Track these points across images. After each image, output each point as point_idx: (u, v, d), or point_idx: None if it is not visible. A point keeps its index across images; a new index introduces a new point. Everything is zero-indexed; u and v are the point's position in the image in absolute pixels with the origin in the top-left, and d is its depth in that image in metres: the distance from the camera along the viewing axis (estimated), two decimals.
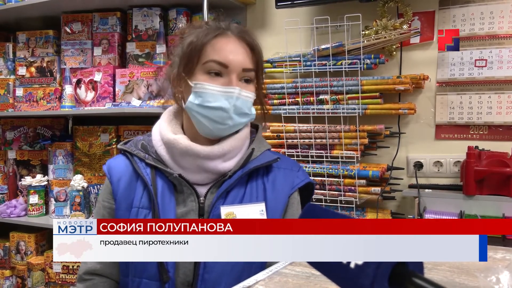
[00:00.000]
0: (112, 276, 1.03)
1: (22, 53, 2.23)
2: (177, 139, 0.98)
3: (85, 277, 1.02)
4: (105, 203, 1.04)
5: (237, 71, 0.97)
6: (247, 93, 0.99)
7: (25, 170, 2.26)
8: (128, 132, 2.06)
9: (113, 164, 1.06)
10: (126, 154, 1.04)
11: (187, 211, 0.98)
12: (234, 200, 0.98)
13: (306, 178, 1.07)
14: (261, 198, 1.00)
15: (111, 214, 1.02)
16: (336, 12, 1.75)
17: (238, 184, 1.00)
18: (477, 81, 1.63)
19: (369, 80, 1.67)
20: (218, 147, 0.98)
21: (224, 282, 0.93)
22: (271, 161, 1.02)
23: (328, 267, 0.40)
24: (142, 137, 1.07)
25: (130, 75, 1.93)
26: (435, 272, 0.66)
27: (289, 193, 1.03)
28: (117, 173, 1.03)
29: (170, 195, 0.98)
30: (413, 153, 1.73)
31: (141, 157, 1.01)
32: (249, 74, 1.00)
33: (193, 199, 0.98)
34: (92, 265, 1.02)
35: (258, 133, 1.10)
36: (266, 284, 0.63)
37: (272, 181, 1.03)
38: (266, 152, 1.05)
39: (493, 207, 1.46)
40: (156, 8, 2.00)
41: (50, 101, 2.13)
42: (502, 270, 0.53)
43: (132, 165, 1.02)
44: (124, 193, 1.00)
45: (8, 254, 2.20)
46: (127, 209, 0.99)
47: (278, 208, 1.01)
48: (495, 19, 1.60)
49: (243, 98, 0.97)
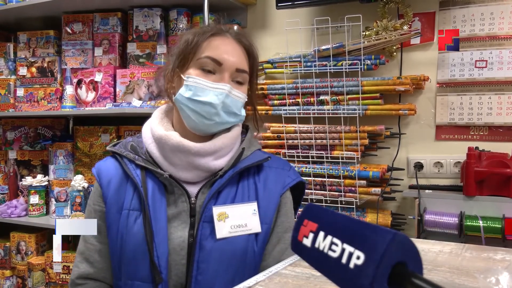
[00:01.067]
0: (105, 280, 1.02)
1: (23, 53, 2.24)
2: (168, 135, 0.98)
3: (78, 282, 1.02)
4: (95, 206, 1.03)
5: (230, 70, 0.98)
6: (238, 93, 0.99)
7: (26, 170, 2.27)
8: (129, 133, 2.06)
9: (102, 167, 1.05)
10: (116, 156, 1.04)
11: (178, 212, 0.97)
12: (225, 200, 0.98)
13: (297, 177, 1.07)
14: (253, 198, 1.00)
15: (101, 218, 1.02)
16: (336, 12, 1.75)
17: (230, 184, 0.99)
18: (477, 82, 1.63)
19: (369, 81, 1.67)
20: (210, 144, 0.98)
21: (218, 284, 0.93)
22: (261, 160, 1.03)
23: (328, 267, 0.40)
24: (131, 139, 1.07)
25: (131, 75, 1.94)
26: (435, 273, 0.66)
27: (281, 192, 1.03)
28: (107, 176, 1.02)
29: (161, 196, 0.97)
30: (413, 153, 1.73)
31: (130, 159, 1.00)
32: (242, 75, 1.00)
33: (184, 199, 0.98)
34: (85, 270, 1.01)
35: (248, 133, 1.10)
36: (266, 285, 0.63)
37: (263, 180, 1.03)
38: (257, 152, 1.06)
39: (493, 207, 1.46)
40: (157, 9, 2.00)
41: (51, 101, 2.13)
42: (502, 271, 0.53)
43: (122, 167, 1.01)
44: (114, 196, 1.00)
45: (9, 254, 2.20)
46: (117, 212, 0.98)
47: (270, 208, 1.01)
48: (495, 20, 1.60)
49: (233, 97, 0.98)
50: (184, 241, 0.95)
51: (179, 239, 0.95)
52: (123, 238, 0.96)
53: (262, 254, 1.00)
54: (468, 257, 0.73)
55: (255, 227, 0.97)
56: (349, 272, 0.38)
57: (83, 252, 1.03)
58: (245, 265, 0.96)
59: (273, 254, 0.99)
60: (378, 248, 0.36)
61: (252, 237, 0.97)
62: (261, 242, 0.98)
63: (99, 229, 1.02)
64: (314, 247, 0.42)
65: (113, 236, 0.98)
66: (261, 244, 0.98)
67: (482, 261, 0.71)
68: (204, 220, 0.95)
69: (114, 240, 0.98)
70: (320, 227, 0.43)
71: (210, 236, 0.94)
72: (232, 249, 0.95)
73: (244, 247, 0.96)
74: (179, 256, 0.94)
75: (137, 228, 0.95)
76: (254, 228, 0.97)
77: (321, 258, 0.41)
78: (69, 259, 2.00)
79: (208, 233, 0.94)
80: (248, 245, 0.96)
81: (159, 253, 0.93)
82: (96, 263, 1.01)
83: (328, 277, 0.41)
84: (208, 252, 0.94)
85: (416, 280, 0.36)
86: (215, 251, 0.94)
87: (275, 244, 1.00)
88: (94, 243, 1.02)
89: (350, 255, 0.38)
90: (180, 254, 0.94)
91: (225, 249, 0.94)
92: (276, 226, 1.01)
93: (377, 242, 0.37)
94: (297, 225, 0.46)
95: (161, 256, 0.93)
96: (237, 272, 0.94)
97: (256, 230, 0.97)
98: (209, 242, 0.94)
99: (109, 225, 0.99)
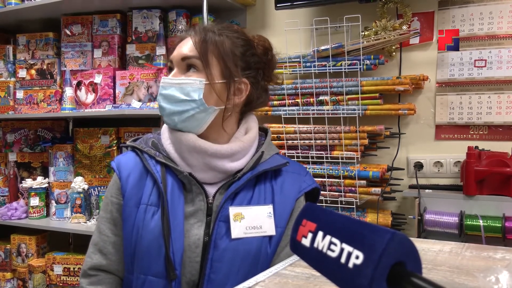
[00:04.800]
0: (117, 273, 1.03)
1: (22, 56, 2.24)
2: (185, 135, 0.99)
3: (90, 273, 1.02)
4: (113, 198, 1.04)
5: (177, 62, 1.00)
6: (180, 80, 0.97)
7: (26, 172, 2.27)
8: (129, 134, 2.06)
9: (122, 160, 1.06)
10: (136, 151, 1.05)
11: (195, 210, 0.98)
12: (242, 202, 0.99)
13: (313, 183, 1.08)
14: (269, 201, 1.01)
15: (118, 210, 1.02)
16: (335, 13, 1.75)
17: (247, 186, 1.00)
18: (476, 81, 1.63)
19: (369, 81, 1.67)
20: (227, 146, 0.99)
21: (230, 283, 0.93)
22: (280, 165, 1.03)
23: (327, 267, 0.40)
24: (152, 135, 1.08)
25: (130, 77, 1.94)
26: (435, 272, 0.66)
27: (296, 197, 1.04)
28: (127, 169, 1.03)
29: (179, 193, 0.98)
30: (413, 153, 1.73)
31: (151, 154, 1.02)
32: (190, 61, 0.98)
33: (201, 198, 0.99)
34: (98, 261, 1.02)
35: (267, 137, 1.10)
36: (266, 285, 0.63)
37: (280, 184, 1.03)
38: (275, 156, 1.06)
39: (493, 207, 1.46)
40: (156, 10, 2.00)
41: (50, 103, 2.14)
42: (502, 270, 0.53)
43: (142, 162, 1.02)
44: (133, 190, 1.00)
45: (9, 256, 2.20)
46: (135, 206, 0.99)
47: (285, 211, 1.01)
48: (494, 20, 1.60)
49: (176, 86, 0.98)
50: (200, 239, 0.96)
51: (195, 237, 0.96)
52: (138, 232, 0.97)
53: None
54: (468, 256, 0.73)
55: (269, 230, 0.98)
56: (348, 272, 0.38)
57: (97, 243, 1.03)
58: (257, 266, 0.96)
59: (281, 256, 1.00)
60: (376, 247, 0.36)
61: (266, 239, 0.98)
62: (274, 245, 0.99)
63: (114, 222, 1.03)
64: (313, 247, 0.42)
65: (128, 229, 0.99)
66: (274, 247, 0.99)
67: (482, 260, 0.71)
68: (220, 220, 0.96)
69: (129, 233, 0.98)
70: (319, 227, 0.43)
71: (225, 235, 0.95)
72: (246, 250, 0.96)
73: (257, 249, 0.97)
74: (194, 253, 0.95)
75: (154, 223, 0.96)
76: (268, 231, 0.98)
77: (320, 258, 0.41)
78: (70, 261, 2.00)
79: (223, 233, 0.95)
80: (261, 247, 0.97)
81: (174, 249, 0.93)
82: (109, 255, 1.02)
83: (327, 277, 0.41)
84: (222, 251, 0.94)
85: (415, 279, 0.36)
86: (229, 251, 0.95)
87: (284, 246, 1.01)
88: (108, 235, 1.03)
89: (349, 255, 0.38)
90: (195, 251, 0.95)
91: (239, 249, 0.95)
92: (287, 229, 1.02)
93: (375, 242, 0.37)
94: (295, 225, 0.46)
95: (176, 253, 0.94)
96: (249, 273, 0.94)
97: (270, 233, 0.98)
98: (224, 242, 0.95)
99: (125, 218, 1.00)
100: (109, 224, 1.03)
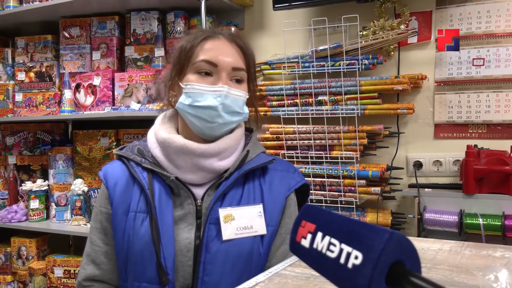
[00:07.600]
0: (112, 282, 1.03)
1: (21, 58, 2.24)
2: (171, 138, 0.99)
3: (84, 284, 1.02)
4: (102, 208, 1.04)
5: (226, 70, 0.98)
6: (237, 92, 0.99)
7: (26, 175, 2.27)
8: (128, 136, 2.06)
9: (109, 169, 1.06)
10: (122, 159, 1.05)
11: (184, 213, 0.98)
12: (231, 202, 0.99)
13: (302, 180, 1.08)
14: (258, 200, 1.01)
15: (108, 220, 1.02)
16: (333, 13, 1.75)
17: (235, 186, 1.00)
18: (475, 80, 1.64)
19: (367, 81, 1.67)
20: (214, 145, 0.99)
21: (224, 285, 0.94)
22: (266, 163, 1.03)
23: (326, 268, 0.41)
24: (138, 142, 1.08)
25: (129, 78, 1.94)
26: (435, 271, 0.66)
27: (286, 195, 1.04)
28: (113, 178, 1.03)
29: (167, 198, 0.98)
30: (412, 152, 1.73)
31: (137, 162, 1.02)
32: (240, 73, 1.00)
33: (190, 201, 0.98)
34: (92, 271, 1.02)
35: (252, 136, 1.11)
36: (266, 285, 0.63)
37: (269, 182, 1.04)
38: (261, 154, 1.06)
39: (493, 205, 1.46)
40: (154, 12, 2.00)
41: (49, 106, 2.14)
42: (501, 269, 0.53)
43: (129, 170, 1.02)
44: (121, 198, 1.01)
45: (10, 259, 2.20)
46: (124, 214, 0.99)
47: (275, 210, 1.01)
48: (492, 18, 1.61)
49: (232, 97, 0.98)
50: (191, 242, 0.96)
51: (186, 241, 0.96)
52: (129, 239, 0.97)
53: (268, 255, 1.00)
54: (468, 254, 0.74)
55: (260, 229, 0.98)
56: (347, 272, 0.38)
57: (90, 253, 1.03)
58: (250, 267, 0.96)
59: (277, 255, 1.00)
60: (375, 247, 0.36)
61: (258, 239, 0.98)
62: (267, 244, 0.99)
63: (105, 231, 1.03)
64: (312, 247, 0.42)
65: (119, 237, 0.99)
66: (266, 246, 0.99)
67: (482, 258, 0.71)
68: (210, 222, 0.96)
69: (120, 241, 0.98)
70: (318, 227, 0.43)
71: (216, 237, 0.95)
72: (238, 251, 0.95)
73: (249, 249, 0.97)
74: (186, 257, 0.95)
75: (144, 230, 0.96)
76: (259, 230, 0.98)
77: (319, 259, 0.41)
78: (70, 263, 2.00)
79: (214, 235, 0.95)
80: (253, 247, 0.97)
81: (166, 254, 0.93)
82: (102, 264, 1.02)
83: (327, 278, 0.41)
84: (214, 253, 0.94)
85: (414, 278, 0.36)
86: (221, 253, 0.95)
87: (278, 245, 1.01)
88: (100, 245, 1.03)
89: (348, 255, 0.38)
90: (187, 255, 0.95)
91: (231, 250, 0.95)
92: (280, 227, 1.02)
93: (374, 242, 0.37)
94: (295, 226, 0.46)
95: (168, 258, 0.93)
96: (243, 273, 0.95)
97: (261, 232, 0.98)
98: (215, 244, 0.95)
99: (115, 227, 1.00)
100: (100, 234, 1.03)
